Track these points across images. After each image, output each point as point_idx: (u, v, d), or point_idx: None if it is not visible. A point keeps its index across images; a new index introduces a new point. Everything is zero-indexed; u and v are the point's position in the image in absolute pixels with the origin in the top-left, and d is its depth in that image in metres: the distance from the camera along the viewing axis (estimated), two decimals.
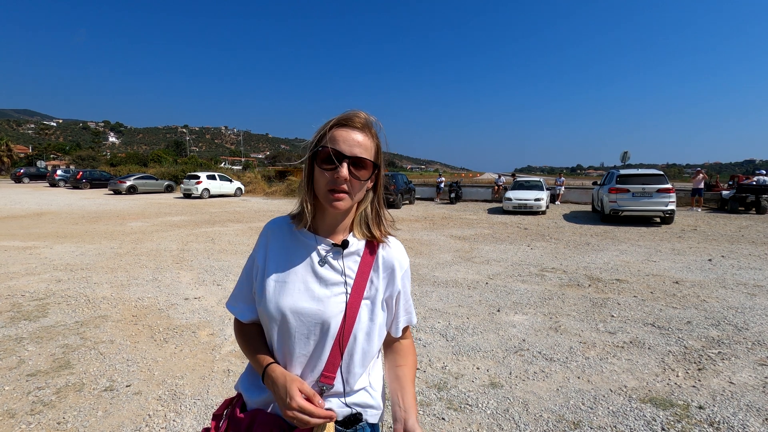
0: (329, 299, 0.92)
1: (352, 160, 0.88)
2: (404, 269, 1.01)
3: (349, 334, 0.92)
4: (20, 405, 2.59)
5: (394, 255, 1.00)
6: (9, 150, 53.68)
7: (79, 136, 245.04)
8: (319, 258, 0.95)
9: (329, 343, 0.92)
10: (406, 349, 1.08)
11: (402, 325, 1.05)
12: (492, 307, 4.62)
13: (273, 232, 1.01)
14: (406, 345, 1.08)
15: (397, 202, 16.84)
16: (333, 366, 0.92)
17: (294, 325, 0.92)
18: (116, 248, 7.78)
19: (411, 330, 1.12)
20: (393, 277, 0.99)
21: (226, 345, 3.56)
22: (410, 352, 1.08)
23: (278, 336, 0.94)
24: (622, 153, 20.88)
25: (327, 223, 0.96)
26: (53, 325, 3.93)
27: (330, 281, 0.94)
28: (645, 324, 4.08)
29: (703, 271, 6.24)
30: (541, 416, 2.53)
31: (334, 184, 0.87)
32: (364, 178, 0.91)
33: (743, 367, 3.17)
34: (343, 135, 0.89)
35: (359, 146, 0.89)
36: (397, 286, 0.99)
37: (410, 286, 1.06)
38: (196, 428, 2.41)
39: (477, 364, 3.23)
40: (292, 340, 0.93)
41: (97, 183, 28.92)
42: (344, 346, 0.92)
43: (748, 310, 4.46)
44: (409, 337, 1.10)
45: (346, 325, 0.92)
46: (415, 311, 1.08)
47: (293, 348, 0.93)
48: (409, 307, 1.06)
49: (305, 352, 0.92)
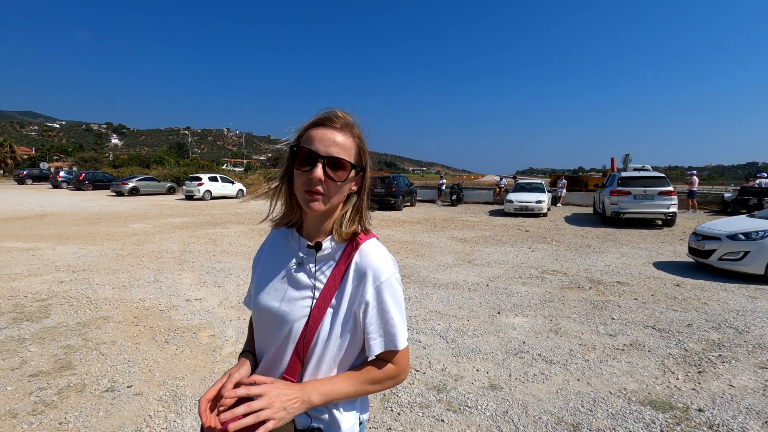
0: (296, 302, 0.91)
1: (327, 160, 0.85)
2: (380, 280, 0.88)
3: (311, 340, 0.88)
4: (22, 405, 2.61)
5: (368, 262, 0.89)
6: (12, 151, 53.97)
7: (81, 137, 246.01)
8: (296, 260, 0.95)
9: (290, 347, 0.90)
10: (371, 366, 0.92)
11: (377, 348, 0.89)
12: (492, 309, 4.62)
13: (273, 236, 1.06)
14: (373, 364, 0.93)
15: (399, 204, 16.83)
16: (293, 371, 0.89)
17: (265, 323, 0.95)
18: (118, 250, 7.81)
19: (402, 353, 0.93)
20: (362, 287, 0.88)
21: (227, 346, 3.57)
22: (374, 370, 0.91)
23: (256, 332, 1.01)
24: (624, 155, 20.87)
25: (309, 225, 0.96)
26: (55, 325, 3.95)
27: (301, 284, 0.92)
28: (645, 326, 4.08)
29: (704, 274, 6.23)
30: (541, 418, 2.54)
31: (309, 185, 0.85)
32: (341, 179, 0.87)
33: (743, 370, 3.17)
34: (320, 135, 0.86)
35: (336, 146, 0.86)
36: (366, 297, 0.88)
37: (396, 302, 0.90)
38: (196, 429, 2.42)
39: (477, 366, 3.24)
40: (263, 337, 0.97)
41: (99, 184, 29.01)
42: (305, 353, 0.89)
43: (749, 313, 4.46)
44: (395, 363, 0.92)
45: (308, 332, 0.88)
46: (403, 335, 0.90)
47: (264, 345, 0.96)
48: (390, 328, 0.89)
49: (270, 351, 0.93)
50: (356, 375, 0.91)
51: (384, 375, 0.92)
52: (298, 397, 0.82)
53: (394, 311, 0.90)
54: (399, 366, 0.93)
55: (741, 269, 5.92)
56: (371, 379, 0.91)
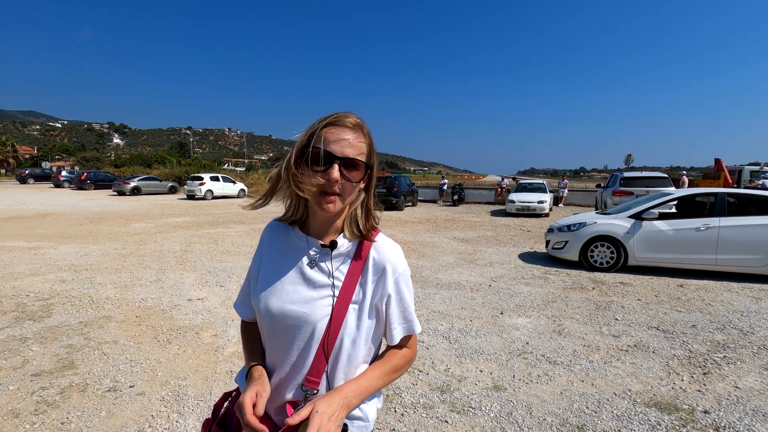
0: (315, 302, 0.90)
1: (343, 161, 0.85)
2: (398, 273, 0.94)
3: (335, 338, 0.89)
4: (24, 405, 2.60)
5: (386, 257, 0.94)
6: (14, 151, 54.07)
7: (83, 137, 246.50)
8: (308, 260, 0.94)
9: (314, 348, 0.89)
10: (392, 354, 0.99)
11: (398, 334, 0.96)
12: (495, 309, 4.60)
13: (270, 233, 1.03)
14: (395, 351, 0.99)
15: (400, 203, 16.82)
16: (317, 371, 0.89)
17: (281, 327, 0.92)
18: (120, 249, 7.82)
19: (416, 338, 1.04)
20: (383, 281, 0.93)
21: (229, 346, 3.56)
22: (396, 356, 0.98)
23: (268, 337, 0.96)
24: (626, 156, 20.83)
25: (318, 223, 0.95)
26: (57, 325, 3.95)
27: (318, 284, 0.92)
28: (649, 327, 4.06)
29: (708, 275, 6.20)
30: (545, 420, 2.52)
31: (325, 186, 0.84)
32: (356, 179, 0.88)
33: (749, 372, 3.14)
34: (335, 135, 0.85)
35: (351, 147, 0.86)
36: (387, 290, 0.93)
37: (410, 291, 0.98)
38: (199, 429, 2.41)
39: (480, 367, 3.22)
40: (279, 342, 0.93)
41: (101, 184, 29.07)
42: (329, 351, 0.89)
43: (754, 314, 4.43)
44: (409, 347, 1.01)
45: (332, 330, 0.89)
46: (416, 320, 0.99)
47: (280, 350, 0.93)
48: (408, 315, 0.97)
49: (290, 355, 0.92)
50: (381, 367, 0.95)
51: (404, 360, 0.99)
52: (341, 405, 0.85)
53: (409, 300, 0.97)
54: (413, 348, 1.02)
55: (563, 256, 6.88)
56: (394, 367, 0.97)
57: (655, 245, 6.26)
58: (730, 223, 5.95)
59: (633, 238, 6.34)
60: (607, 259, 6.51)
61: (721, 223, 5.98)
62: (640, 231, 6.32)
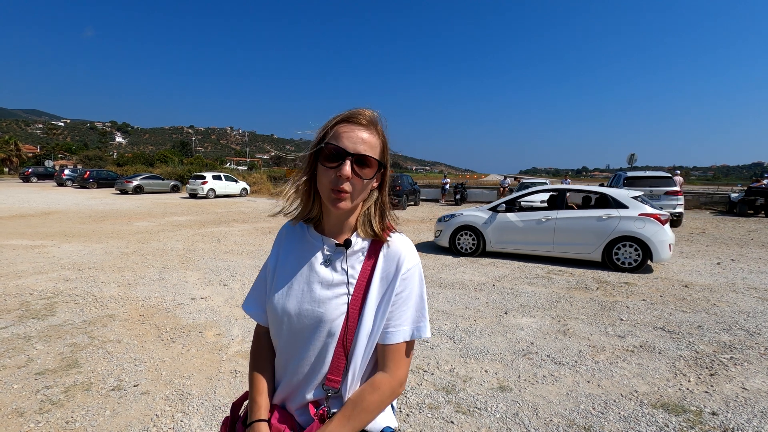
0: (331, 301, 0.90)
1: (355, 157, 0.85)
2: (407, 268, 0.92)
3: (353, 336, 0.89)
4: (29, 404, 2.59)
5: (396, 253, 0.93)
6: (18, 150, 54.23)
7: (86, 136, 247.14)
8: (323, 259, 0.94)
9: (332, 346, 0.89)
10: (377, 380, 0.90)
11: (400, 335, 0.90)
12: (499, 309, 4.58)
13: (286, 234, 1.03)
14: (379, 377, 0.91)
15: (402, 203, 16.82)
16: (338, 369, 0.89)
17: (297, 327, 0.92)
18: (123, 248, 7.82)
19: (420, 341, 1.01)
20: (393, 276, 0.92)
21: (233, 345, 3.55)
22: (368, 393, 0.89)
23: (283, 338, 0.95)
24: (629, 155, 20.74)
25: (332, 222, 0.95)
26: (61, 323, 3.95)
27: (332, 282, 0.92)
28: (655, 328, 4.03)
29: (713, 275, 6.17)
30: (552, 421, 2.50)
31: (337, 183, 0.84)
32: (368, 177, 0.88)
33: (756, 373, 3.12)
34: (348, 132, 0.86)
35: (364, 143, 0.86)
36: (397, 286, 0.91)
37: (420, 290, 0.94)
38: (203, 429, 2.40)
39: (485, 367, 3.21)
40: (296, 342, 0.92)
41: (103, 183, 29.12)
42: (348, 349, 0.89)
43: (760, 315, 4.40)
44: (395, 366, 0.91)
45: (349, 328, 0.89)
46: (428, 326, 0.94)
47: (297, 350, 0.92)
48: (418, 315, 0.92)
49: (309, 354, 0.91)
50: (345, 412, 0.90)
51: (379, 396, 0.94)
52: None
53: (417, 298, 0.94)
54: (400, 369, 0.95)
55: (440, 243, 7.86)
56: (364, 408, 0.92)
57: (506, 234, 7.28)
58: (564, 215, 6.89)
59: (489, 227, 7.34)
60: (470, 245, 7.51)
61: (558, 215, 6.93)
62: (495, 222, 7.33)
